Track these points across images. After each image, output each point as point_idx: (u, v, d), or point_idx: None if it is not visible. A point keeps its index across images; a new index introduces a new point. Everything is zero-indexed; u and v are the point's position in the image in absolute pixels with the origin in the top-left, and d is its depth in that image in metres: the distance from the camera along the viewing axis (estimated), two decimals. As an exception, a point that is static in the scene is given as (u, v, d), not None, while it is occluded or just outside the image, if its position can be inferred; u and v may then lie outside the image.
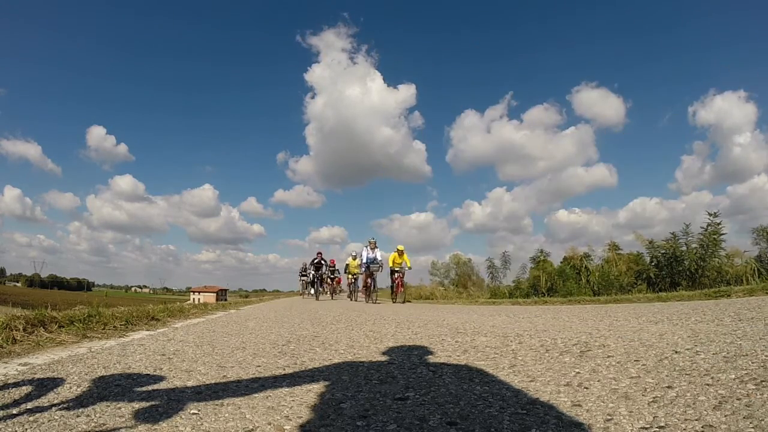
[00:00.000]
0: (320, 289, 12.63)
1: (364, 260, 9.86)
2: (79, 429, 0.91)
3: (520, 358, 1.53)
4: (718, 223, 7.32)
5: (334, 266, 14.31)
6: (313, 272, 12.98)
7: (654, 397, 0.95)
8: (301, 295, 17.18)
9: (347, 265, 13.10)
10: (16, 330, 2.16)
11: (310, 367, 1.54)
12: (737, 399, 0.89)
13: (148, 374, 1.45)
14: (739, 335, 1.60)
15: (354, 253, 13.17)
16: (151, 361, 1.71)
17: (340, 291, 15.81)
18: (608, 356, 1.42)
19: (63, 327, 2.52)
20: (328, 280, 13.95)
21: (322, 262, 13.27)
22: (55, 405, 1.08)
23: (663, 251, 7.98)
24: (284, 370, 1.50)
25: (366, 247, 10.11)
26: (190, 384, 1.31)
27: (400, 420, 0.93)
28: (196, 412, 1.02)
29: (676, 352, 1.39)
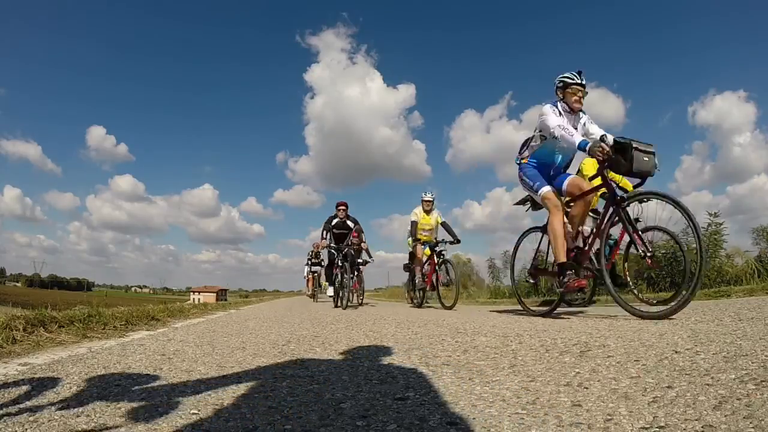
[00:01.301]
0: (345, 286, 5.96)
1: (578, 141, 2.84)
2: (79, 429, 0.91)
3: (520, 358, 1.53)
4: (720, 224, 7.31)
5: (359, 242, 6.64)
6: (331, 246, 6.46)
7: (654, 397, 0.95)
8: (310, 296, 11.99)
9: (413, 223, 6.30)
10: (16, 330, 2.16)
11: (310, 367, 1.54)
12: (737, 399, 0.89)
13: (148, 374, 1.45)
14: (739, 335, 1.60)
15: (430, 196, 6.40)
16: (151, 361, 1.71)
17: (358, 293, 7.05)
18: (608, 356, 1.42)
19: (63, 327, 2.52)
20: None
21: (347, 223, 6.66)
22: (55, 405, 1.08)
23: (663, 251, 7.97)
24: (284, 370, 1.50)
25: (556, 102, 3.20)
26: (190, 384, 1.31)
27: (400, 420, 0.93)
28: (197, 412, 1.02)
29: (676, 352, 1.39)
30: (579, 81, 3.19)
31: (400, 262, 7.79)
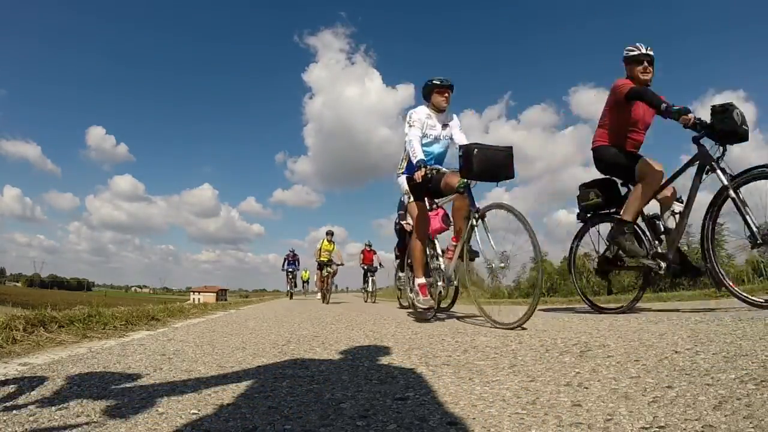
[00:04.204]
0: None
1: None
2: (79, 428, 0.91)
3: (520, 357, 1.53)
4: (721, 224, 7.30)
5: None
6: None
7: (654, 397, 0.95)
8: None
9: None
10: (16, 330, 2.16)
11: (310, 367, 1.54)
12: (737, 399, 0.89)
13: (148, 374, 1.45)
14: (739, 335, 1.60)
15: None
16: (151, 361, 1.71)
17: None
18: (608, 356, 1.42)
19: (63, 327, 2.52)
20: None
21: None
22: (54, 404, 1.08)
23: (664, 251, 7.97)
24: (284, 370, 1.50)
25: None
26: (190, 383, 1.31)
27: (400, 420, 0.93)
28: (197, 411, 1.02)
29: (676, 352, 1.39)
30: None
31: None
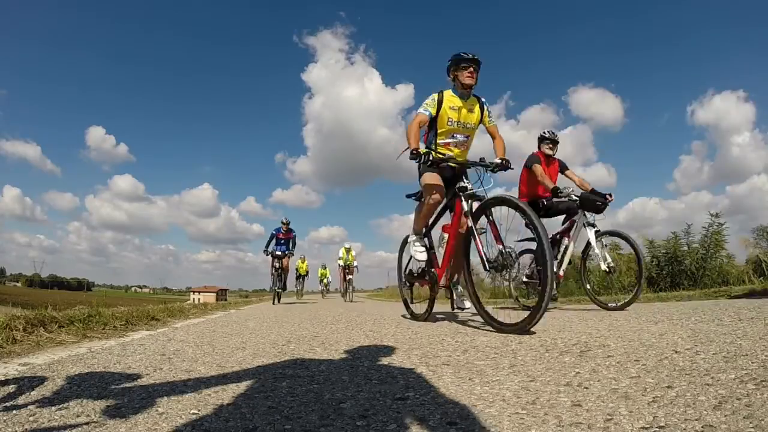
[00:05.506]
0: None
1: None
2: (79, 428, 0.91)
3: (520, 357, 1.53)
4: (722, 224, 7.30)
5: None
6: None
7: (654, 397, 0.95)
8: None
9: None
10: (16, 330, 2.17)
11: (310, 367, 1.54)
12: (737, 399, 0.89)
13: (148, 374, 1.45)
14: (739, 335, 1.60)
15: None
16: (151, 361, 1.71)
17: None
18: (608, 356, 1.42)
19: (63, 327, 2.52)
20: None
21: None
22: (55, 404, 1.08)
23: (663, 251, 7.96)
24: (284, 370, 1.50)
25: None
26: (190, 383, 1.31)
27: (400, 420, 0.93)
28: (197, 411, 1.02)
29: (676, 352, 1.39)
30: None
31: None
